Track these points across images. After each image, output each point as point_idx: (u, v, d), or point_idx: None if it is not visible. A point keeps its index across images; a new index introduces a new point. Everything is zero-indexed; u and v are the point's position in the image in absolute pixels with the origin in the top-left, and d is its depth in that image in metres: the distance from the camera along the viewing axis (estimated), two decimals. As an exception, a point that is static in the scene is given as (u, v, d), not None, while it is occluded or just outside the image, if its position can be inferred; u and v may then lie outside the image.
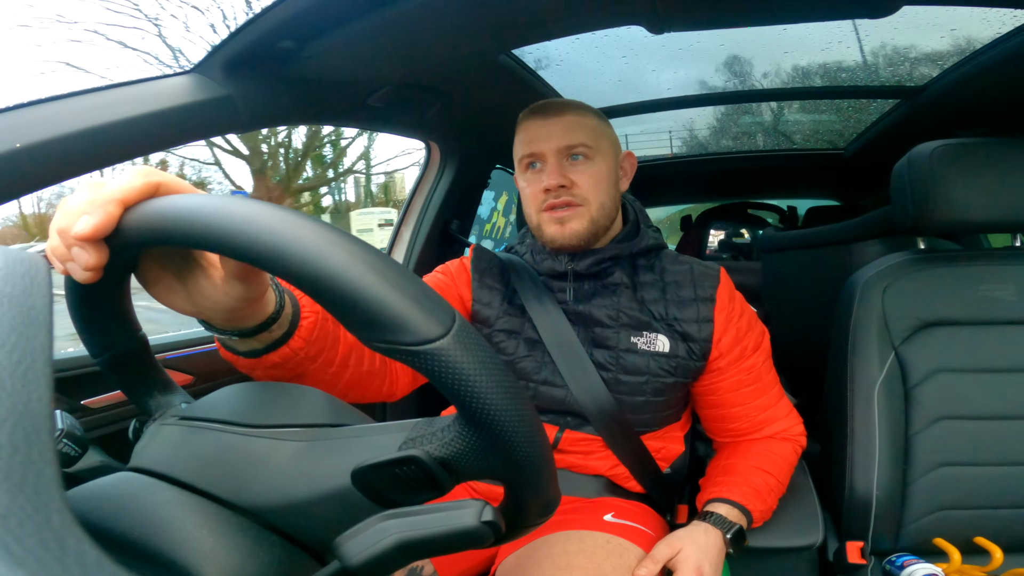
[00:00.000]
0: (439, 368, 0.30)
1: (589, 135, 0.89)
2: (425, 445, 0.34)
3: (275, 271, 0.30)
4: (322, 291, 0.30)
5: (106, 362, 0.45)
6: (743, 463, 0.91)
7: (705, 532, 0.81)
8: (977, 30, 1.06)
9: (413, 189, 1.63)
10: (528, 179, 0.91)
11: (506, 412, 0.32)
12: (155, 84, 0.75)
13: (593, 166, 0.89)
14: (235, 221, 0.31)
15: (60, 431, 0.50)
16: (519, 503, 0.38)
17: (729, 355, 0.91)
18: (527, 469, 0.35)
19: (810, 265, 1.77)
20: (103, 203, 0.35)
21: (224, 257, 0.45)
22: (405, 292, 0.30)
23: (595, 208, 0.89)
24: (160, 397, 0.48)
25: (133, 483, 0.38)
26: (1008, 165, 0.96)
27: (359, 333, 0.31)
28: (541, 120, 0.89)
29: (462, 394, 0.31)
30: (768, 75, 1.47)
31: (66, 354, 0.87)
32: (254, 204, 0.32)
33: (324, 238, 0.30)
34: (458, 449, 0.34)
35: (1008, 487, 0.99)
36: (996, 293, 1.02)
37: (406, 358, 0.30)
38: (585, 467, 0.93)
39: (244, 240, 0.31)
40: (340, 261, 0.29)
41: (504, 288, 0.96)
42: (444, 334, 0.30)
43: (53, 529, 0.20)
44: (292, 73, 0.89)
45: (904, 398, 1.03)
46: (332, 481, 0.36)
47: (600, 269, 0.92)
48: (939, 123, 1.52)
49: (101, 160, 0.69)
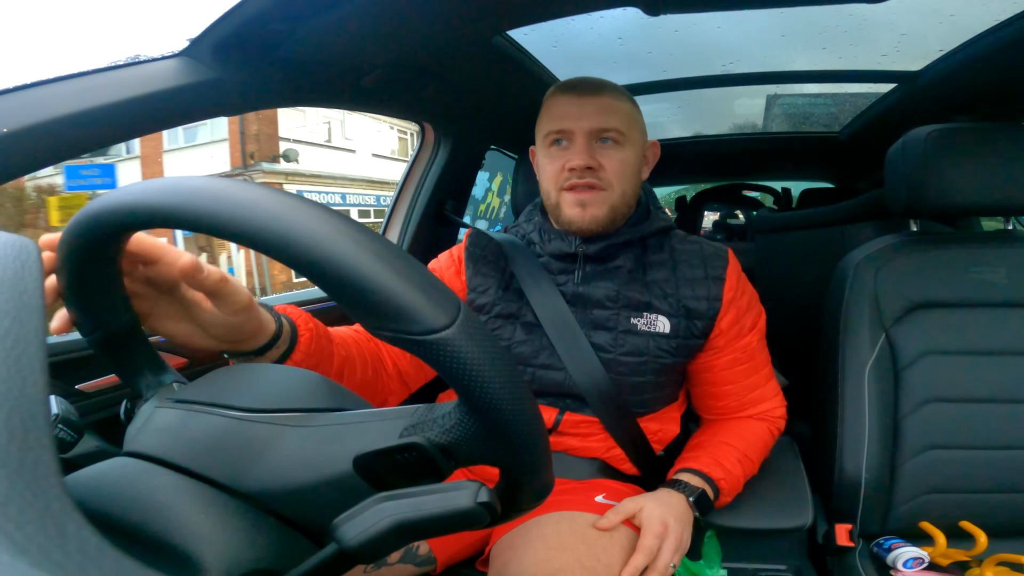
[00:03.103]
0: (444, 357, 0.30)
1: (622, 120, 0.87)
2: (426, 432, 0.35)
3: (282, 259, 0.30)
4: (330, 280, 0.30)
5: (97, 341, 0.45)
6: (712, 438, 0.93)
7: (668, 493, 0.84)
8: (975, 17, 1.05)
9: (407, 169, 1.62)
10: (552, 155, 0.89)
11: (508, 401, 0.32)
12: (143, 68, 0.74)
13: (622, 152, 0.87)
14: (242, 207, 0.31)
15: (56, 416, 0.50)
16: (514, 487, 0.38)
17: (728, 333, 0.92)
18: (525, 455, 0.35)
19: (803, 246, 1.78)
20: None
21: (222, 300, 0.50)
22: (412, 281, 0.30)
23: (617, 195, 0.88)
24: (151, 377, 0.48)
25: (130, 468, 0.38)
26: (1000, 150, 0.96)
27: (365, 321, 0.31)
28: (575, 97, 0.87)
29: (466, 383, 0.31)
30: (765, 58, 1.46)
31: (60, 338, 0.87)
32: (260, 189, 0.32)
33: (331, 226, 0.30)
34: (459, 436, 0.35)
35: (995, 472, 1.00)
36: (987, 276, 1.03)
37: (412, 347, 0.30)
38: (582, 449, 0.94)
39: (251, 227, 0.30)
40: (348, 250, 0.29)
41: (500, 273, 0.96)
42: (450, 324, 0.30)
43: (53, 515, 0.20)
44: (284, 55, 0.87)
45: (894, 380, 1.04)
46: (334, 467, 0.36)
47: (609, 253, 0.92)
48: (934, 108, 1.52)
49: (90, 143, 0.68)
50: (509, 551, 0.78)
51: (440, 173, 1.59)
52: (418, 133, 1.58)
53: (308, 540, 0.39)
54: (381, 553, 0.34)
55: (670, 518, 0.79)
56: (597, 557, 0.74)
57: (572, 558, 0.73)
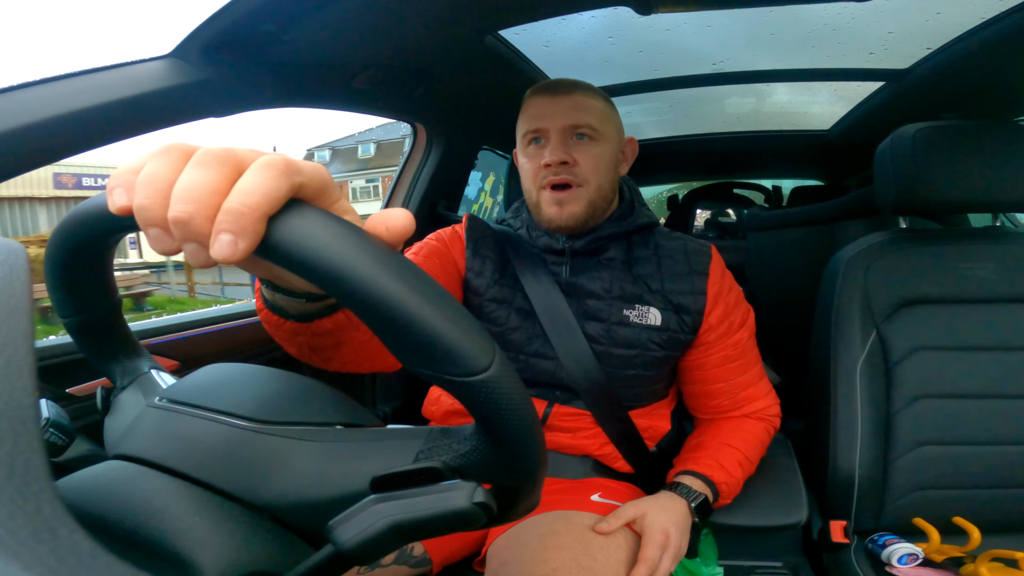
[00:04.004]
0: (480, 396, 0.31)
1: (596, 117, 0.89)
2: (442, 456, 0.36)
3: (328, 289, 0.29)
4: (374, 318, 0.29)
5: (74, 324, 0.44)
6: (714, 439, 0.93)
7: (670, 499, 0.84)
8: (961, 14, 1.06)
9: (400, 169, 1.62)
10: (530, 154, 0.91)
11: (526, 434, 0.34)
12: (132, 69, 0.73)
13: (596, 147, 0.89)
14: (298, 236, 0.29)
15: (46, 420, 0.49)
16: (510, 500, 0.39)
17: (717, 329, 0.93)
18: (529, 478, 0.37)
19: (794, 244, 1.79)
20: (253, 221, 0.27)
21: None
22: (457, 326, 0.30)
23: (593, 189, 0.89)
24: (127, 362, 0.47)
25: (123, 471, 0.37)
26: (988, 147, 0.97)
27: (407, 360, 0.31)
28: (549, 97, 0.89)
29: (493, 420, 0.32)
30: (754, 56, 1.47)
31: (49, 341, 0.86)
32: (313, 215, 0.30)
33: (381, 263, 0.29)
34: (472, 460, 0.36)
35: (986, 467, 1.00)
36: (976, 271, 1.04)
37: (449, 387, 0.31)
38: (574, 447, 0.94)
39: (301, 254, 0.29)
40: (397, 291, 0.29)
41: (497, 258, 0.97)
42: (487, 367, 0.31)
43: (45, 520, 0.20)
44: (274, 56, 0.87)
45: (885, 376, 1.04)
46: (350, 486, 0.36)
47: (597, 247, 0.93)
48: (922, 105, 1.53)
49: (78, 146, 0.68)
50: (506, 551, 0.78)
51: (433, 173, 1.59)
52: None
53: (304, 542, 0.39)
54: (377, 554, 0.34)
55: (671, 526, 0.79)
56: (594, 557, 0.74)
57: (569, 558, 0.73)
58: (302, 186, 0.30)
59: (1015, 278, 1.03)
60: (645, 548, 0.77)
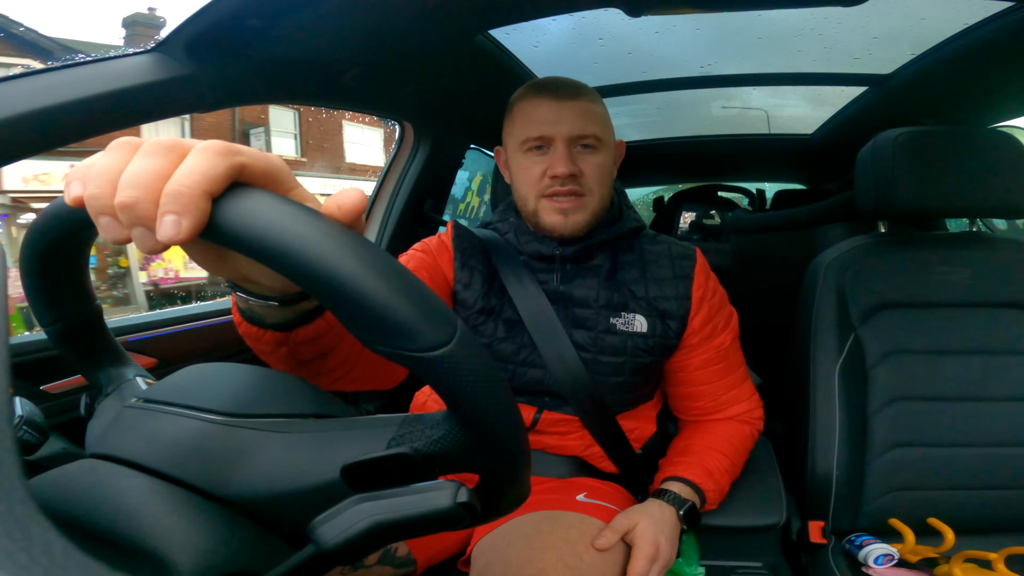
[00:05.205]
0: (441, 373, 0.30)
1: (600, 125, 0.87)
2: (414, 442, 0.35)
3: (280, 269, 0.29)
4: (328, 294, 0.29)
5: (56, 332, 0.44)
6: (700, 443, 0.94)
7: (660, 508, 0.84)
8: (944, 20, 1.07)
9: (386, 168, 1.61)
10: (530, 161, 0.88)
11: (497, 415, 0.33)
12: (115, 63, 0.72)
13: (599, 156, 0.88)
14: (245, 213, 0.30)
15: (20, 418, 0.48)
16: (494, 494, 0.38)
17: (701, 332, 0.93)
18: (508, 465, 0.36)
19: (776, 247, 1.81)
20: (193, 199, 0.28)
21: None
22: (412, 299, 0.30)
23: (597, 199, 0.88)
24: (112, 370, 0.47)
25: (98, 470, 0.37)
26: (967, 153, 0.98)
27: (363, 336, 0.31)
28: (553, 102, 0.86)
29: (459, 397, 0.31)
30: (742, 60, 1.48)
31: (23, 338, 0.84)
32: (261, 196, 0.31)
33: (333, 239, 0.29)
34: (446, 446, 0.35)
35: (959, 469, 1.02)
36: (952, 276, 1.05)
37: (410, 363, 0.30)
38: (561, 448, 0.94)
39: (250, 235, 0.29)
40: (349, 265, 0.29)
41: (484, 268, 0.95)
42: (448, 341, 0.30)
43: (17, 519, 0.20)
44: (260, 52, 0.86)
45: (863, 379, 1.06)
46: (321, 476, 0.36)
47: (586, 254, 0.93)
48: (904, 110, 1.56)
49: (60, 139, 0.66)
50: (491, 551, 0.78)
51: (419, 172, 1.58)
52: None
53: (284, 541, 0.38)
54: (360, 554, 0.34)
55: (661, 538, 0.80)
56: (580, 557, 0.74)
57: (555, 558, 0.73)
58: (244, 166, 0.31)
59: (991, 283, 1.05)
60: (635, 562, 0.77)
